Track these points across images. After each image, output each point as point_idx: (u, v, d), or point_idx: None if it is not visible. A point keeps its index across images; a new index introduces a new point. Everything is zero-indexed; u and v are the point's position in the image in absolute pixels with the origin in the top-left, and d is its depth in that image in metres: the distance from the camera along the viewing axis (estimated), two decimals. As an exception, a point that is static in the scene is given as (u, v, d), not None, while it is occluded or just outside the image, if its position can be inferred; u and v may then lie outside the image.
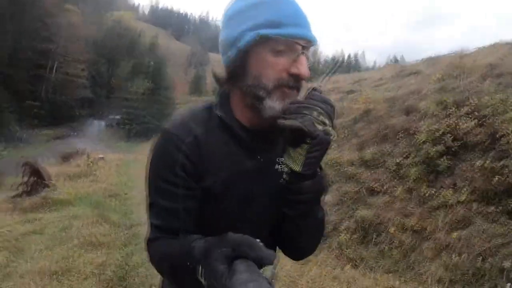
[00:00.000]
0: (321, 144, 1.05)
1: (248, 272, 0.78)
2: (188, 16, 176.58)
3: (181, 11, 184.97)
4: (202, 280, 0.88)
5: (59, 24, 54.54)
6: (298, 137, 1.05)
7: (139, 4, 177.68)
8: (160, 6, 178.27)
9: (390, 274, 5.33)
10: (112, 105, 65.22)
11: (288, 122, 1.04)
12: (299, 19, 1.10)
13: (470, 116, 7.22)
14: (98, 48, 69.86)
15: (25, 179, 8.91)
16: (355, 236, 6.52)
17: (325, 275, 5.02)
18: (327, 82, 1.19)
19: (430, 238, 5.67)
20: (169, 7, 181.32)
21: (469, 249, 4.98)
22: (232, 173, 1.18)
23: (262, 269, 0.82)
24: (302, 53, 1.08)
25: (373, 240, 6.30)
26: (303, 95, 1.11)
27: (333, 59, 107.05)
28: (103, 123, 60.12)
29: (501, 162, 5.78)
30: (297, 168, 1.07)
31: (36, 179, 8.78)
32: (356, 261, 5.89)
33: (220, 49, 1.21)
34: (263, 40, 1.06)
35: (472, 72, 9.90)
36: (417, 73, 14.03)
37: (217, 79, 1.24)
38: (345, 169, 8.56)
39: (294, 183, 1.11)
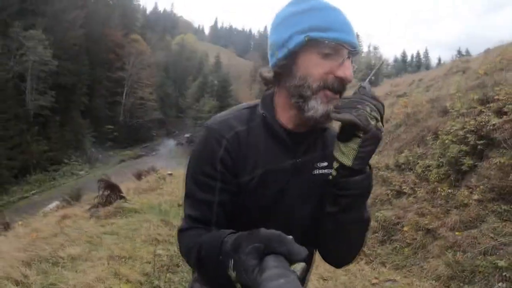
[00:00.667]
0: (373, 139, 1.05)
1: (278, 268, 0.79)
2: (248, 33, 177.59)
3: (241, 28, 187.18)
4: (233, 274, 0.89)
5: (129, 54, 59.08)
6: (349, 131, 1.07)
7: (202, 26, 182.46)
8: (219, 25, 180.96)
9: (398, 270, 5.48)
10: (181, 124, 68.54)
11: (342, 116, 1.05)
12: (346, 26, 1.13)
13: (498, 112, 6.93)
14: (168, 72, 73.45)
15: (101, 192, 10.22)
16: (375, 234, 6.65)
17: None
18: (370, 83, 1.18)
19: (440, 237, 5.69)
20: (228, 26, 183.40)
21: (474, 247, 4.95)
22: (269, 170, 1.20)
23: (293, 265, 0.82)
24: (348, 57, 1.11)
25: (390, 238, 6.45)
26: (352, 93, 1.12)
27: (395, 60, 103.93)
28: (174, 142, 62.10)
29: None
30: (348, 162, 1.07)
31: (110, 192, 10.06)
32: (371, 257, 6.04)
33: (269, 52, 1.24)
34: (311, 43, 1.10)
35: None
36: (466, 70, 13.86)
37: (264, 79, 1.28)
38: (381, 173, 8.65)
39: (343, 178, 1.10)
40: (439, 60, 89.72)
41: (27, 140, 36.09)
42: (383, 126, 1.08)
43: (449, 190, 6.55)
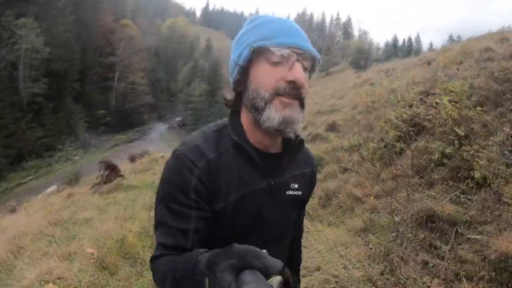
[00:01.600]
0: None
1: (255, 282, 0.77)
2: (240, 15, 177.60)
3: (232, 11, 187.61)
4: None
5: (119, 39, 59.94)
6: None
7: (193, 9, 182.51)
8: (211, 8, 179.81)
9: (330, 226, 6.44)
10: (173, 108, 69.56)
11: None
12: (292, 32, 1.14)
13: (430, 105, 7.95)
14: (158, 56, 74.43)
15: (102, 172, 11.88)
16: (320, 200, 7.47)
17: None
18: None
19: (364, 202, 6.65)
20: (220, 8, 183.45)
21: (385, 210, 5.82)
22: (243, 194, 1.20)
23: (269, 279, 0.81)
24: (298, 60, 1.11)
25: (329, 203, 7.31)
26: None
27: (387, 45, 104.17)
28: (166, 125, 63.41)
29: (435, 144, 6.56)
30: None
31: (110, 172, 11.73)
32: (312, 216, 6.93)
33: (228, 73, 1.27)
34: (259, 54, 1.12)
35: (469, 58, 10.70)
36: (431, 61, 15.00)
37: (226, 101, 1.27)
38: (337, 153, 9.65)
39: None
40: (431, 45, 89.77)
41: (21, 128, 37.13)
42: None
43: (381, 168, 7.62)
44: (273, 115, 1.11)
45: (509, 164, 5.24)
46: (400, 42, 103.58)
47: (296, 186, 1.33)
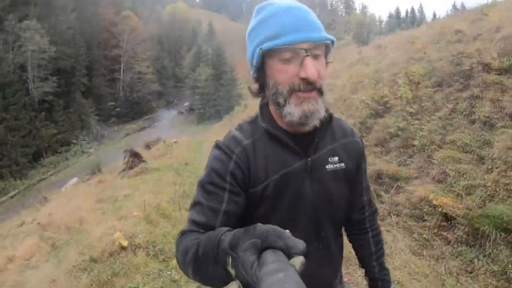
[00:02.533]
0: None
1: (277, 262, 0.77)
2: None
3: None
4: (232, 271, 0.89)
5: (122, 31, 61.39)
6: None
7: None
8: None
9: None
10: (180, 94, 71.51)
11: None
12: (298, 25, 1.13)
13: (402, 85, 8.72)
14: (162, 44, 75.50)
15: (126, 159, 14.01)
16: None
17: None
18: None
19: None
20: None
21: None
22: (282, 174, 1.26)
23: (292, 259, 0.80)
24: (307, 55, 1.12)
25: None
26: None
27: (390, 16, 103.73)
28: (174, 111, 64.96)
29: (393, 120, 7.82)
30: None
31: (134, 158, 13.85)
32: None
33: (249, 65, 1.30)
34: (269, 53, 1.15)
35: (443, 38, 10.88)
36: (415, 41, 16.34)
37: (252, 92, 1.34)
38: None
39: None
40: (434, 15, 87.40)
41: (36, 126, 38.77)
42: None
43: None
44: (293, 111, 1.17)
45: (443, 134, 6.78)
46: (403, 14, 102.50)
47: (336, 159, 1.35)
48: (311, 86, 1.15)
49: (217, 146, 1.30)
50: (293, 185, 1.28)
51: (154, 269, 4.88)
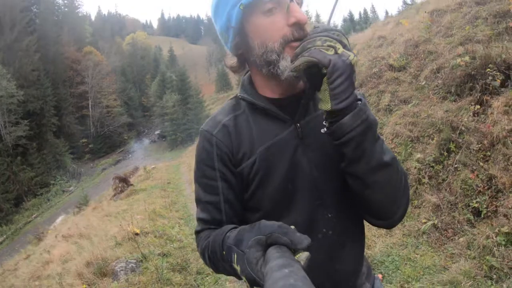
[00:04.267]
0: (339, 69, 0.95)
1: (282, 258, 0.79)
2: (197, 19, 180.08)
3: (188, 16, 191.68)
4: (237, 267, 0.92)
5: (86, 67, 63.08)
6: (315, 77, 1.01)
7: (149, 21, 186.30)
8: (167, 16, 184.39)
9: None
10: (149, 123, 73.02)
11: (295, 64, 1.01)
12: None
13: None
14: (126, 75, 77.32)
15: (116, 184, 16.30)
16: None
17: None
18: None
19: None
20: (175, 16, 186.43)
21: None
22: (270, 145, 1.18)
23: (297, 255, 0.82)
24: (291, 0, 1.08)
25: None
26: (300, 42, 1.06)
27: (344, 20, 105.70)
28: (146, 141, 65.83)
29: None
30: (328, 106, 0.99)
31: (123, 183, 16.16)
32: None
33: (222, 40, 1.24)
34: (249, 9, 1.08)
35: (372, 43, 12.23)
36: (352, 47, 18.94)
37: (230, 67, 1.28)
38: None
39: (334, 126, 1.01)
40: (386, 13, 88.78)
41: (14, 171, 39.85)
42: (350, 51, 1.00)
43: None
44: (290, 63, 1.08)
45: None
46: (357, 16, 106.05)
47: None
48: (303, 32, 1.08)
49: (199, 132, 1.28)
50: (284, 156, 1.18)
51: (159, 243, 7.20)
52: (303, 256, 0.83)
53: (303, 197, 1.18)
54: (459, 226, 4.51)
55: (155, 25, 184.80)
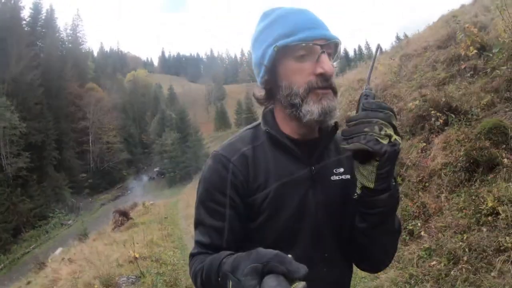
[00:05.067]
0: (389, 159, 1.03)
1: (278, 287, 0.78)
2: (197, 57, 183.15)
3: (188, 54, 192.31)
4: None
5: (88, 103, 64.66)
6: (364, 154, 1.06)
7: (150, 58, 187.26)
8: (167, 55, 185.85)
9: None
10: (148, 160, 73.87)
11: (352, 146, 1.04)
12: (311, 23, 1.18)
13: None
14: (126, 112, 78.83)
15: (117, 217, 17.71)
16: None
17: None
18: (371, 77, 1.19)
19: None
20: (176, 54, 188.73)
21: None
22: (284, 183, 1.22)
23: (293, 285, 0.81)
24: (323, 52, 1.15)
25: None
26: (357, 104, 1.10)
27: (340, 58, 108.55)
28: (145, 177, 66.49)
29: None
30: (370, 185, 1.08)
31: (123, 217, 17.55)
32: None
33: (254, 72, 1.31)
34: (283, 51, 1.16)
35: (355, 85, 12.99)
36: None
37: (257, 99, 1.34)
38: None
39: (368, 198, 1.11)
40: (380, 49, 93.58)
41: (14, 202, 40.61)
42: (399, 135, 1.06)
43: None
44: (312, 108, 1.16)
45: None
46: (352, 53, 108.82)
47: (341, 170, 1.31)
48: (328, 83, 1.17)
49: (213, 155, 1.30)
50: (296, 194, 1.24)
51: (156, 265, 8.58)
52: (300, 286, 0.82)
53: (306, 236, 1.24)
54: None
55: (155, 62, 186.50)
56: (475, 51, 7.26)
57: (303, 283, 0.82)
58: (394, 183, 1.13)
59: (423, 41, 11.56)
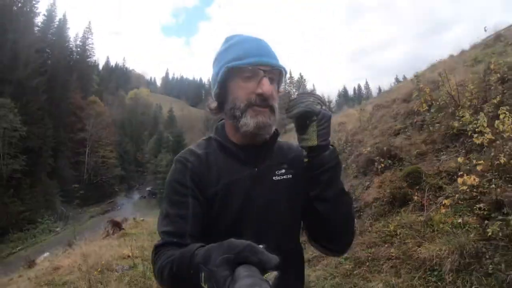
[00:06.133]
0: (326, 117, 1.34)
1: (251, 277, 0.80)
2: (199, 82, 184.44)
3: (191, 78, 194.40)
4: (204, 286, 0.92)
5: (88, 115, 65.58)
6: (304, 121, 1.35)
7: (154, 78, 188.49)
8: (171, 76, 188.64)
9: None
10: (141, 178, 74.57)
11: (294, 112, 1.35)
12: (260, 51, 1.41)
13: None
14: (124, 128, 79.95)
15: (109, 227, 19.17)
16: None
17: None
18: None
19: None
20: (179, 77, 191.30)
21: None
22: (231, 181, 1.42)
23: (265, 274, 0.84)
24: (265, 76, 1.37)
25: None
26: (293, 99, 1.39)
27: (339, 95, 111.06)
28: (137, 195, 67.40)
29: None
30: (314, 142, 1.33)
31: (115, 227, 19.00)
32: None
33: (211, 85, 1.56)
34: (234, 71, 1.39)
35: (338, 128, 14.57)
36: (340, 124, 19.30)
37: (210, 109, 1.57)
38: None
39: (315, 157, 1.36)
40: (379, 89, 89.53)
41: (5, 202, 41.16)
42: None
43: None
44: (248, 121, 1.38)
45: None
46: (351, 92, 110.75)
47: (283, 171, 1.51)
48: (265, 102, 1.39)
49: (174, 159, 1.53)
50: (242, 191, 1.42)
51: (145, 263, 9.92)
52: (271, 275, 0.85)
53: (252, 227, 1.39)
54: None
55: (158, 82, 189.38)
56: (426, 107, 8.64)
57: (275, 273, 0.86)
58: (333, 147, 1.41)
59: (396, 94, 13.02)
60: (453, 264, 4.23)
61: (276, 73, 1.44)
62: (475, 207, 4.96)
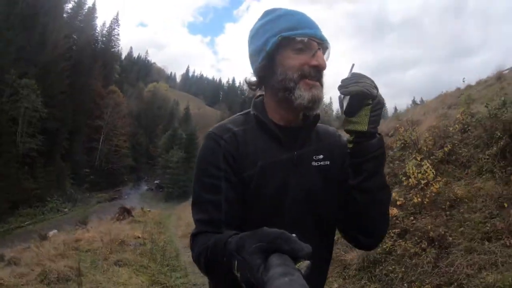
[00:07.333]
0: (380, 104, 1.26)
1: (283, 266, 0.80)
2: (218, 83, 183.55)
3: (211, 78, 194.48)
4: (238, 274, 0.92)
5: (107, 104, 67.68)
6: (357, 103, 1.26)
7: (174, 73, 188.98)
8: (191, 73, 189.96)
9: None
10: (151, 171, 75.85)
11: (350, 89, 1.23)
12: (311, 24, 1.37)
13: None
14: (139, 120, 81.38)
15: (120, 212, 21.10)
16: None
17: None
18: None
19: None
20: (199, 75, 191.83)
21: None
22: (268, 163, 1.35)
23: (298, 263, 0.83)
24: (319, 48, 1.34)
25: None
26: (347, 77, 1.28)
27: None
28: (144, 187, 69.06)
29: None
30: (364, 127, 1.26)
31: (125, 213, 20.92)
32: None
33: (250, 61, 1.47)
34: (284, 42, 1.33)
35: None
36: None
37: (249, 84, 1.49)
38: None
39: (362, 144, 1.29)
40: (395, 109, 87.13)
41: (19, 177, 42.97)
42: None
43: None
44: (303, 93, 1.32)
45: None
46: None
47: (321, 156, 1.44)
48: (318, 75, 1.35)
49: (206, 135, 1.44)
50: (279, 175, 1.35)
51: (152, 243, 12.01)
52: (304, 264, 0.84)
53: (289, 213, 1.36)
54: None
55: (178, 78, 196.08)
56: (402, 145, 10.06)
57: (307, 262, 0.85)
58: (380, 136, 1.35)
59: (384, 127, 14.36)
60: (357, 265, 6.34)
61: (325, 48, 1.42)
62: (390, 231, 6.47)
